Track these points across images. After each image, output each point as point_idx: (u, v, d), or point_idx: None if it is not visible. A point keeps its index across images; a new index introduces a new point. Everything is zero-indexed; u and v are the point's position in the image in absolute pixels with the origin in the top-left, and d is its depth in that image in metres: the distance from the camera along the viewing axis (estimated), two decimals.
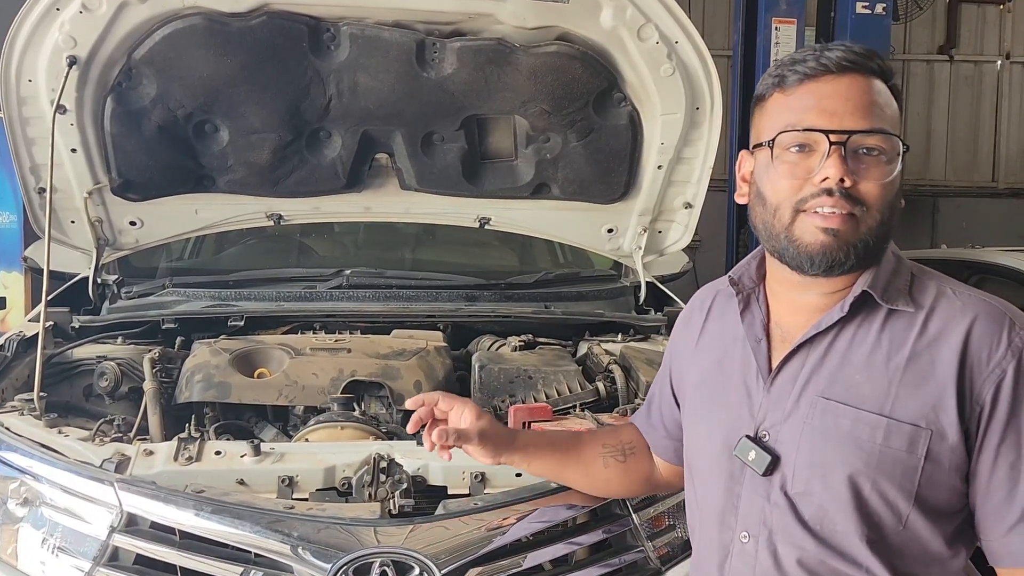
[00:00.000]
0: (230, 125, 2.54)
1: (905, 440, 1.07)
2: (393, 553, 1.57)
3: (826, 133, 1.09)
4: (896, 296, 1.13)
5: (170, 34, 2.30)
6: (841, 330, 1.14)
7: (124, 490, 1.67)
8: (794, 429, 1.14)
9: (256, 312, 2.57)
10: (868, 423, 1.09)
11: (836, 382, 1.12)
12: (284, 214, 2.79)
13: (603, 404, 2.28)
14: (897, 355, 1.10)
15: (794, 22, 5.73)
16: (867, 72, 1.12)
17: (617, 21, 2.36)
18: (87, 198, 2.58)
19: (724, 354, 1.27)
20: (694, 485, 1.31)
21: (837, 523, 1.10)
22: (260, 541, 1.60)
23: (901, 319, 1.12)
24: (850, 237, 1.09)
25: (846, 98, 1.10)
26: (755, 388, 1.20)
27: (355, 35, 2.37)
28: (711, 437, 1.24)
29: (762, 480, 1.15)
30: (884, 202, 1.10)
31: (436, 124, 2.59)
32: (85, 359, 2.33)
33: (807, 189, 1.10)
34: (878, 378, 1.10)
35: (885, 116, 1.11)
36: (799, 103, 1.12)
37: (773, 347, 1.20)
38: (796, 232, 1.11)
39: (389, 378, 2.20)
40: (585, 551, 1.75)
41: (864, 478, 1.08)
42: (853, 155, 1.09)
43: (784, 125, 1.12)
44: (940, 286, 1.14)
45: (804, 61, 1.13)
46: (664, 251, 2.97)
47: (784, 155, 1.12)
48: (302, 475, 1.77)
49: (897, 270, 1.16)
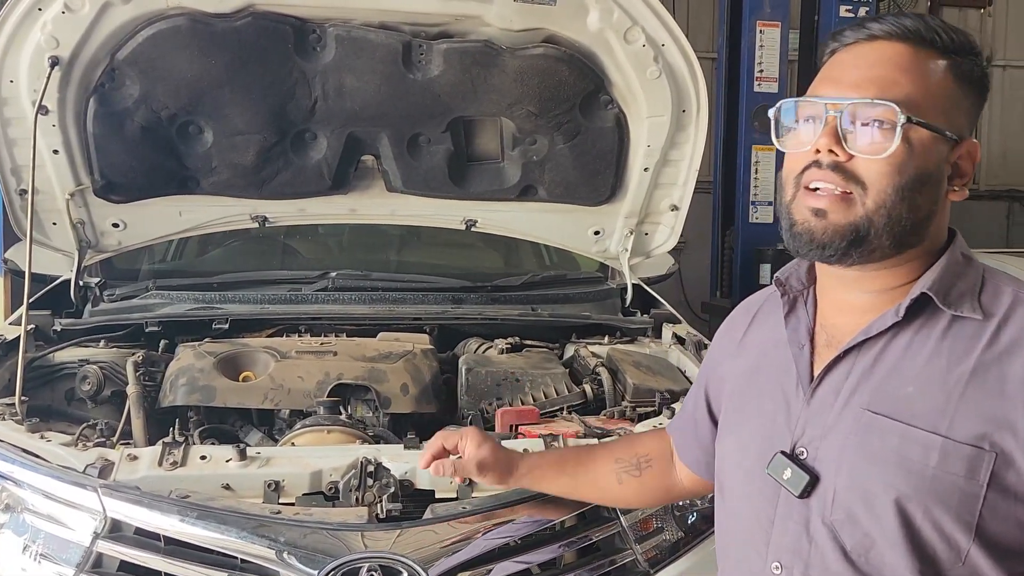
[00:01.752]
0: (214, 126, 2.52)
1: (964, 464, 0.93)
2: (381, 558, 1.57)
3: (824, 101, 0.99)
4: (961, 301, 0.99)
5: (154, 35, 2.29)
6: (895, 336, 1.01)
7: (107, 496, 1.65)
8: (835, 446, 1.01)
9: (241, 315, 2.55)
10: (919, 442, 0.95)
11: (884, 394, 0.99)
12: (269, 216, 2.77)
13: (590, 406, 2.28)
14: (959, 367, 0.96)
15: (778, 25, 5.76)
16: (908, 41, 0.99)
17: (604, 23, 2.36)
18: (69, 200, 2.55)
19: (762, 359, 1.15)
20: (724, 503, 1.18)
21: (885, 555, 0.97)
22: (246, 547, 1.58)
23: (967, 327, 0.98)
24: (839, 219, 0.98)
25: (858, 67, 0.99)
26: (794, 398, 1.07)
27: (341, 36, 2.36)
28: (743, 451, 1.12)
29: (798, 503, 1.02)
30: (888, 182, 0.96)
31: (422, 126, 2.58)
32: (67, 362, 2.31)
33: (804, 160, 1.01)
34: (934, 392, 0.96)
35: (903, 88, 0.96)
36: (822, 73, 1.04)
37: (817, 353, 1.07)
38: (793, 208, 1.03)
39: (376, 381, 2.19)
40: (573, 554, 1.75)
41: (914, 504, 0.95)
42: (859, 129, 0.97)
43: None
44: (1018, 292, 0.99)
45: (844, 32, 1.04)
46: (650, 253, 2.98)
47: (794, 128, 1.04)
48: (288, 479, 1.75)
49: (964, 272, 1.02)
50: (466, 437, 1.39)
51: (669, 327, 2.71)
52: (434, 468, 1.34)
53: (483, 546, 1.60)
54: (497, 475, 1.40)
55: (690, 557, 1.77)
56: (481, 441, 1.38)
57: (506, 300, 2.82)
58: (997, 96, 9.32)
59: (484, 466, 1.37)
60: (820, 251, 1.00)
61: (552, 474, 1.44)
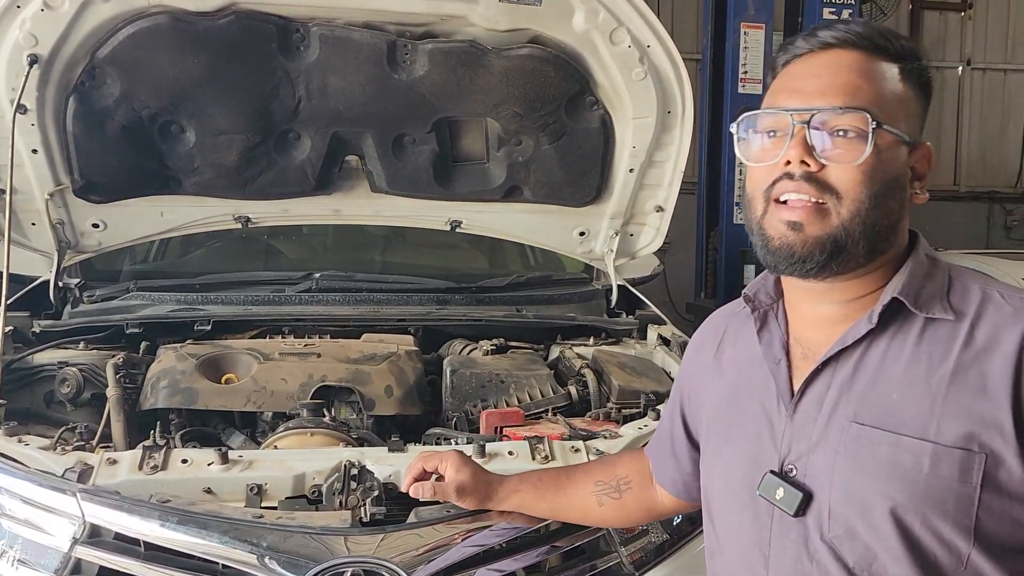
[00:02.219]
0: (197, 126, 2.49)
1: (955, 467, 0.92)
2: (364, 562, 1.55)
3: (790, 112, 0.99)
4: (932, 303, 0.99)
5: (135, 33, 2.26)
6: (872, 344, 1.01)
7: (87, 500, 1.62)
8: (825, 460, 1.00)
9: (223, 316, 2.53)
10: (910, 450, 0.94)
11: (869, 404, 0.98)
12: (252, 216, 2.75)
13: (575, 408, 2.28)
14: (939, 369, 0.96)
15: (762, 27, 5.79)
16: (858, 49, 1.00)
17: (589, 24, 2.36)
18: (48, 200, 2.52)
19: (740, 379, 1.14)
20: (715, 531, 1.16)
21: (888, 567, 0.96)
22: (227, 551, 1.56)
23: (941, 329, 0.98)
24: (816, 231, 0.98)
25: (819, 75, 1.00)
26: (776, 415, 1.06)
27: (325, 36, 2.34)
28: (729, 475, 1.11)
29: (794, 523, 1.01)
30: (862, 190, 0.97)
31: (407, 126, 2.57)
32: (46, 365, 2.28)
33: (774, 174, 1.00)
34: (918, 397, 0.96)
35: (867, 95, 0.98)
36: (780, 84, 1.04)
37: (794, 367, 1.07)
38: (765, 223, 1.02)
39: (359, 383, 2.17)
40: (558, 557, 1.74)
41: (911, 513, 0.94)
42: (827, 138, 0.98)
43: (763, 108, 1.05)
44: (986, 289, 1.00)
45: (794, 42, 1.04)
46: (636, 254, 2.98)
47: (760, 142, 1.04)
48: (271, 483, 1.73)
49: (931, 273, 1.02)
50: (447, 460, 1.40)
51: (654, 328, 2.71)
52: (413, 490, 1.36)
53: (467, 550, 1.58)
54: (476, 499, 1.40)
55: (675, 559, 1.77)
56: (461, 465, 1.38)
57: (491, 301, 2.81)
58: (977, 98, 9.43)
59: (463, 490, 1.37)
60: (801, 265, 1.00)
61: (532, 498, 1.44)
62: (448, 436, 2.07)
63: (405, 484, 1.40)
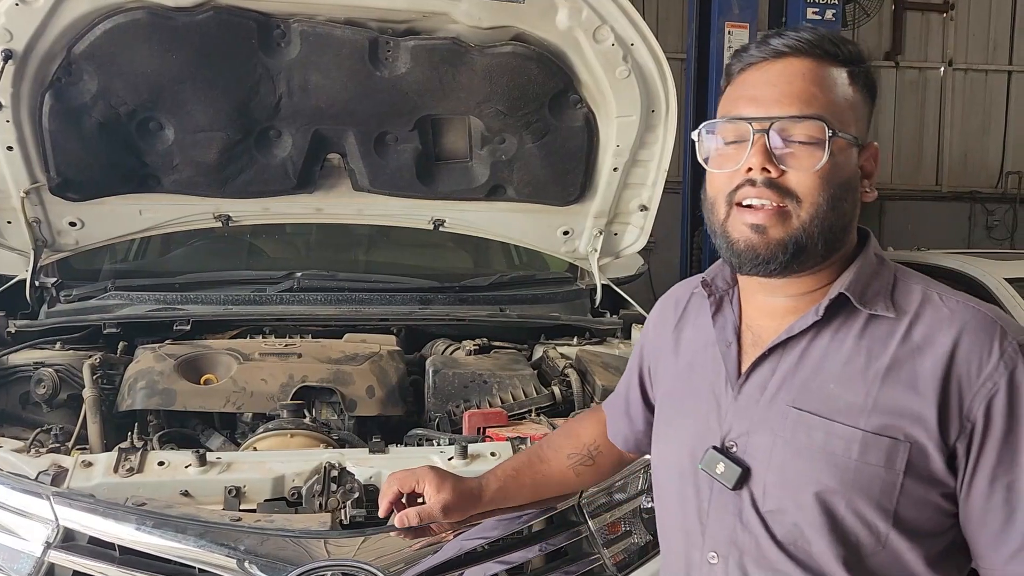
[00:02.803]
0: (176, 123, 2.46)
1: (882, 455, 0.99)
2: (344, 565, 1.53)
3: (749, 121, 1.03)
4: (876, 300, 1.05)
5: (112, 28, 2.22)
6: (817, 335, 1.06)
7: (60, 504, 1.60)
8: (764, 441, 1.06)
9: (203, 316, 2.50)
10: (842, 436, 1.01)
11: (809, 392, 1.05)
12: (232, 215, 2.72)
13: (559, 408, 2.27)
14: (876, 363, 1.02)
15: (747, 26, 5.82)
16: (810, 56, 1.04)
17: (573, 22, 2.34)
18: (24, 198, 2.48)
19: (694, 361, 1.20)
20: (662, 502, 1.23)
21: (812, 543, 1.03)
22: (205, 555, 1.54)
23: (882, 325, 1.04)
24: (778, 233, 1.02)
25: (774, 84, 1.04)
26: (723, 395, 1.12)
27: (306, 32, 2.32)
28: (678, 450, 1.17)
29: (732, 495, 1.08)
30: (820, 193, 1.01)
31: (389, 124, 2.55)
32: (21, 365, 2.24)
33: (736, 180, 1.05)
34: (855, 388, 1.02)
35: (822, 102, 1.02)
36: (736, 92, 1.08)
37: (744, 352, 1.13)
38: (728, 227, 1.06)
39: (341, 384, 2.16)
40: (541, 559, 1.73)
41: (838, 496, 1.01)
42: (785, 144, 1.02)
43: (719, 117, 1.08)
44: (926, 291, 1.06)
45: (747, 50, 1.08)
46: (620, 253, 2.97)
47: (719, 148, 1.08)
48: (250, 485, 1.71)
49: (878, 272, 1.08)
50: (422, 479, 1.38)
51: (638, 328, 2.70)
52: (398, 521, 1.34)
53: (449, 553, 1.57)
54: (463, 511, 1.39)
55: (658, 561, 1.74)
56: (439, 482, 1.36)
57: (474, 301, 2.79)
58: (958, 99, 9.51)
59: (449, 507, 1.36)
60: (765, 266, 1.05)
61: (514, 489, 1.44)
62: (430, 437, 2.05)
63: (383, 509, 1.38)
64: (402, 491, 1.38)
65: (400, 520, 1.33)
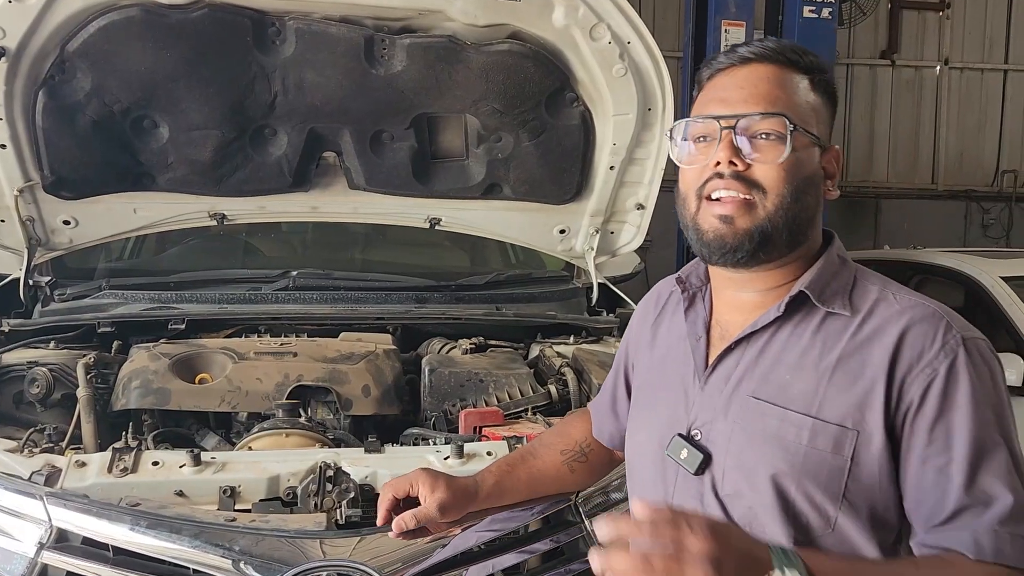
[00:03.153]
0: (170, 121, 2.45)
1: (831, 441, 1.05)
2: (339, 566, 1.52)
3: (717, 119, 1.11)
4: (833, 298, 1.11)
5: (106, 25, 2.21)
6: (778, 330, 1.13)
7: (54, 504, 1.59)
8: (724, 429, 1.13)
9: (198, 315, 2.49)
10: (794, 423, 1.07)
11: (767, 382, 1.11)
12: (228, 214, 2.71)
13: (555, 407, 2.26)
14: (829, 355, 1.08)
15: (743, 25, 5.80)
16: (774, 62, 1.12)
17: (569, 20, 2.33)
18: (18, 196, 2.47)
19: (668, 353, 1.27)
20: (634, 489, 1.29)
21: (766, 526, 1.08)
22: (199, 556, 1.53)
23: (838, 322, 1.10)
24: (745, 224, 1.09)
25: (741, 86, 1.12)
26: (692, 386, 1.18)
27: (301, 30, 2.31)
28: (649, 438, 1.23)
29: (694, 480, 1.14)
30: (784, 185, 1.09)
31: (385, 122, 2.54)
32: (15, 365, 2.23)
33: (705, 175, 1.12)
34: (808, 378, 1.08)
35: (784, 102, 1.10)
36: (706, 96, 1.16)
37: (712, 345, 1.19)
38: (699, 219, 1.13)
39: (336, 383, 2.15)
40: (538, 559, 1.72)
41: (789, 480, 1.06)
42: (750, 141, 1.09)
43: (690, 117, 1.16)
44: (882, 291, 1.12)
45: (716, 58, 1.17)
46: (616, 252, 2.96)
47: (690, 147, 1.15)
48: (245, 485, 1.70)
49: (838, 272, 1.14)
50: (417, 481, 1.37)
51: None
52: (396, 526, 1.33)
53: (445, 553, 1.56)
54: (459, 509, 1.38)
55: None
56: (434, 483, 1.36)
57: (470, 299, 2.79)
58: (954, 97, 9.51)
59: (445, 507, 1.35)
60: (732, 255, 1.11)
61: (510, 485, 1.44)
62: (426, 436, 2.05)
63: (381, 518, 1.37)
64: (397, 497, 1.37)
65: (397, 525, 1.32)
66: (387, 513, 1.37)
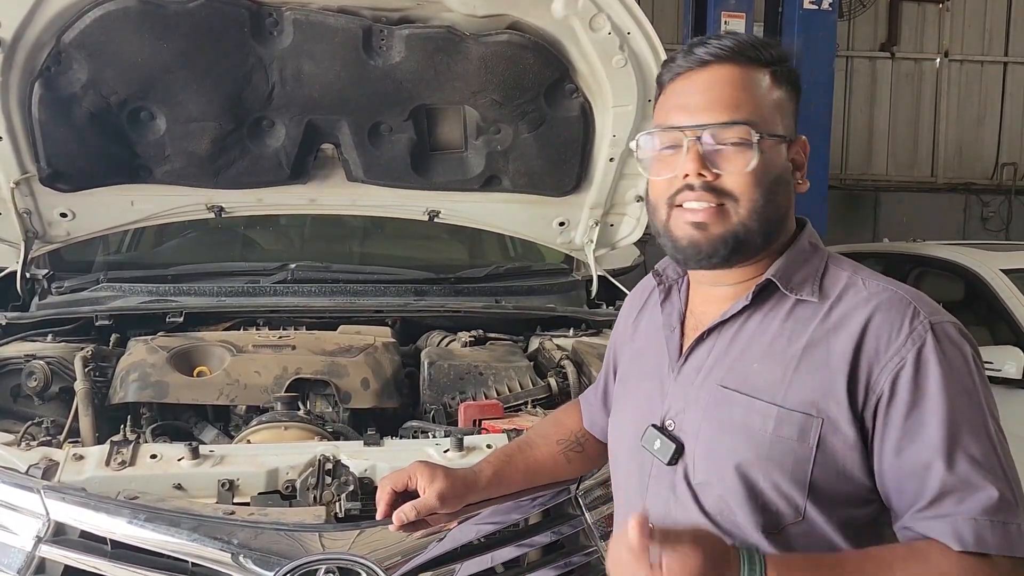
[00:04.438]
0: (167, 113, 2.44)
1: (795, 429, 1.04)
2: (339, 559, 1.52)
3: (682, 129, 1.09)
4: (802, 285, 1.11)
5: (102, 16, 2.20)
6: (748, 319, 1.13)
7: (51, 498, 1.57)
8: (695, 418, 1.13)
9: (196, 307, 2.48)
10: (760, 412, 1.07)
11: (735, 371, 1.11)
12: (225, 206, 2.70)
13: (555, 400, 2.25)
14: (796, 344, 1.08)
15: (743, 16, 5.79)
16: (735, 63, 1.10)
17: (569, 10, 2.32)
18: (14, 188, 2.46)
19: (645, 345, 1.28)
20: (615, 479, 1.31)
21: (736, 514, 1.08)
22: (198, 549, 1.52)
23: (807, 309, 1.10)
24: (719, 230, 1.09)
25: (703, 93, 1.10)
26: (666, 377, 1.19)
27: (299, 21, 2.29)
28: (625, 430, 1.24)
29: (667, 470, 1.14)
30: (755, 191, 1.08)
31: (384, 114, 2.52)
32: (12, 358, 2.21)
33: (675, 185, 1.11)
34: (774, 366, 1.08)
35: (748, 107, 1.08)
36: (668, 102, 1.14)
37: (686, 336, 1.20)
38: (671, 227, 1.13)
39: (335, 376, 2.14)
40: (538, 551, 1.71)
41: (756, 468, 1.06)
42: (716, 149, 1.08)
43: (653, 125, 1.15)
44: (851, 277, 1.11)
45: (675, 60, 1.14)
46: (616, 244, 2.95)
47: (658, 155, 1.14)
48: (243, 478, 1.70)
49: (808, 259, 1.14)
50: (415, 474, 1.36)
51: None
52: (396, 519, 1.32)
53: (445, 546, 1.56)
54: (460, 499, 1.38)
55: None
56: (432, 473, 1.35)
57: (470, 292, 2.78)
58: (954, 90, 9.50)
59: (444, 496, 1.35)
60: (708, 260, 1.11)
61: (508, 475, 1.44)
62: (426, 429, 2.04)
63: (380, 513, 1.36)
64: (396, 490, 1.36)
65: (397, 517, 1.31)
66: (386, 508, 1.36)
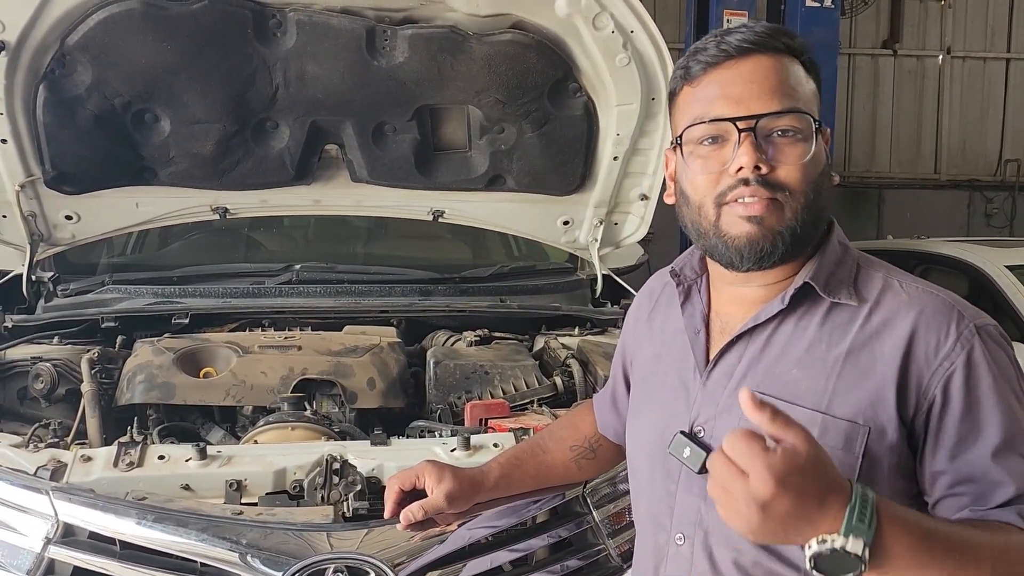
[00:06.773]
0: (171, 115, 2.44)
1: (841, 438, 1.01)
2: (347, 558, 1.52)
3: (733, 121, 1.04)
4: (839, 288, 1.08)
5: (106, 18, 2.20)
6: (781, 323, 1.09)
7: (60, 499, 1.58)
8: (729, 425, 1.06)
9: (202, 309, 2.48)
10: (803, 419, 0.98)
11: (773, 377, 1.07)
12: (230, 207, 2.70)
13: (561, 399, 2.25)
14: (836, 349, 1.05)
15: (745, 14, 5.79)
16: (772, 51, 1.06)
17: (572, 9, 2.31)
18: (19, 191, 2.46)
19: (663, 348, 1.23)
20: (635, 486, 1.26)
21: None
22: (206, 549, 1.53)
23: (844, 312, 1.07)
24: (776, 224, 1.04)
25: (751, 81, 1.05)
26: (692, 382, 1.14)
27: (302, 22, 2.29)
28: (647, 435, 1.20)
29: (697, 479, 1.08)
30: (808, 183, 1.05)
31: (387, 114, 2.53)
32: (19, 360, 2.22)
33: (725, 181, 1.05)
34: (816, 373, 1.04)
35: (796, 95, 1.05)
36: (705, 93, 1.08)
37: (712, 339, 1.15)
38: (723, 226, 1.07)
39: (341, 376, 2.14)
40: (545, 550, 1.71)
41: None
42: (766, 140, 1.04)
43: (692, 119, 1.08)
44: (887, 278, 1.09)
45: (706, 49, 1.08)
46: (620, 243, 2.95)
47: (698, 150, 1.08)
48: (251, 478, 1.70)
49: (842, 260, 1.10)
50: (423, 473, 1.36)
51: None
52: (404, 518, 1.32)
53: (453, 544, 1.56)
54: (467, 499, 1.37)
55: None
56: (440, 473, 1.35)
57: (474, 292, 2.78)
58: (957, 87, 9.48)
59: (452, 496, 1.34)
60: (767, 259, 1.06)
61: (517, 476, 1.43)
62: (432, 429, 2.04)
63: (388, 512, 1.36)
64: (404, 489, 1.36)
65: (405, 517, 1.31)
66: (394, 507, 1.36)
